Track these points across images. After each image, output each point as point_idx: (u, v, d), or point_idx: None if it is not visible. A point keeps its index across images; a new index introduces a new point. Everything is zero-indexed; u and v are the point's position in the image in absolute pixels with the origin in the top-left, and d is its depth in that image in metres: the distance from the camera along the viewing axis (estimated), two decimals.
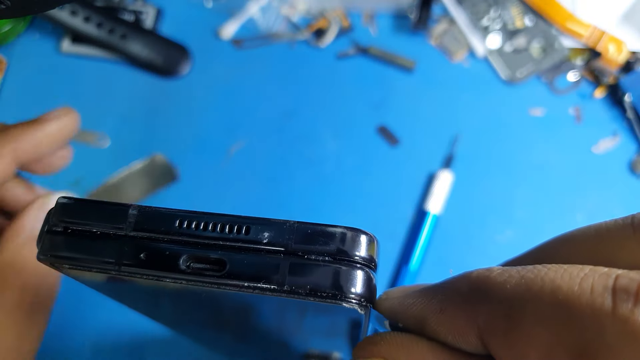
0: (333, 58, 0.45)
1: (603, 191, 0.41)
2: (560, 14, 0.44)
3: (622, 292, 0.10)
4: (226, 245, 0.15)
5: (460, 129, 0.43)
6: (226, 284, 0.14)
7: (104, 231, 0.15)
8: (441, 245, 0.39)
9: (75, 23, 0.44)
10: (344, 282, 0.14)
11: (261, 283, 0.14)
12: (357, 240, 0.15)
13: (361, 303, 0.14)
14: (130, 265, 0.15)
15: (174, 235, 0.15)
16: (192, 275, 0.14)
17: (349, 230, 0.15)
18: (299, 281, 0.14)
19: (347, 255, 0.14)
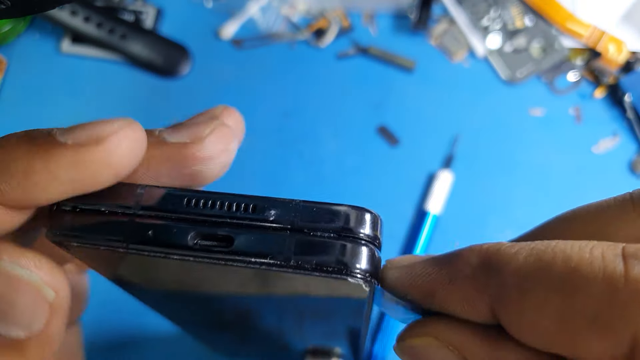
0: (333, 58, 0.45)
1: (603, 191, 0.41)
2: (560, 14, 0.44)
3: (632, 258, 0.11)
4: (233, 223, 0.15)
5: (460, 129, 0.43)
6: (233, 259, 0.14)
7: (113, 210, 0.15)
8: (441, 246, 0.39)
9: (75, 23, 0.44)
10: (349, 257, 0.14)
11: (268, 259, 0.14)
12: (362, 218, 0.15)
13: (366, 278, 0.14)
14: (138, 242, 0.15)
15: (181, 213, 0.15)
16: (199, 251, 0.15)
17: (353, 208, 0.15)
18: (304, 257, 0.14)
19: (352, 232, 0.15)
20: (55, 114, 0.44)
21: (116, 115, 0.15)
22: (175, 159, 0.16)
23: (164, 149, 0.16)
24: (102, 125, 0.14)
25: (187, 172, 0.16)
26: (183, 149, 0.16)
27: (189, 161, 0.16)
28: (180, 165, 0.16)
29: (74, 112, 0.44)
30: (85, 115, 0.44)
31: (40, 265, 0.15)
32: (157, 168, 0.16)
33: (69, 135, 0.15)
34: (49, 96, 0.45)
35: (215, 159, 0.16)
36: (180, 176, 0.16)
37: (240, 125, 0.20)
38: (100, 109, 0.44)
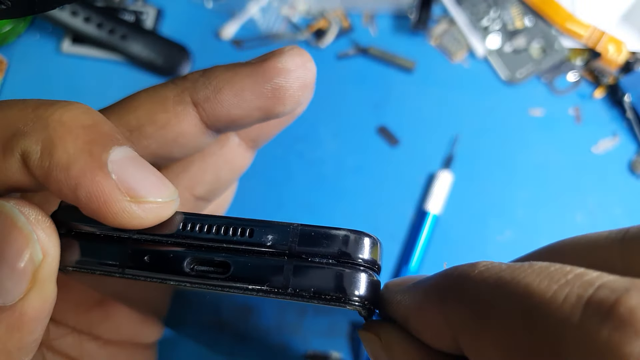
0: (333, 58, 0.45)
1: (603, 191, 0.41)
2: (559, 15, 0.44)
3: (596, 306, 0.09)
4: (230, 248, 0.15)
5: (460, 129, 0.43)
6: (230, 286, 0.14)
7: (108, 234, 0.15)
8: (441, 246, 0.39)
9: (75, 23, 0.44)
10: (347, 285, 0.14)
11: (265, 286, 0.14)
12: (361, 243, 0.15)
13: (365, 306, 0.14)
14: (135, 267, 0.15)
15: (177, 237, 0.15)
16: (196, 277, 0.15)
17: (352, 232, 0.15)
18: (302, 284, 0.14)
19: (351, 257, 0.14)
20: None
21: None
22: (256, 72, 0.17)
23: (247, 65, 0.17)
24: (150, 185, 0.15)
25: (268, 87, 0.17)
26: (264, 63, 0.17)
27: (270, 73, 0.17)
28: (262, 79, 0.17)
29: None
30: None
31: (40, 220, 0.14)
32: (241, 83, 0.17)
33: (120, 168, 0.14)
34: (50, 96, 0.44)
35: (293, 72, 0.17)
36: (263, 92, 0.17)
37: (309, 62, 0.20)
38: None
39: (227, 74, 0.17)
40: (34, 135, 0.14)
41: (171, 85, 0.18)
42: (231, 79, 0.17)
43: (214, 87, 0.17)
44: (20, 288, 0.14)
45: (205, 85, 0.17)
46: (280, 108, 0.17)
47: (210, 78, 0.17)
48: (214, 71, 0.17)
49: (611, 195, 0.41)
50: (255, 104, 0.17)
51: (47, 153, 0.14)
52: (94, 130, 0.14)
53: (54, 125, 0.14)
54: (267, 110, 0.17)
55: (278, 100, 0.17)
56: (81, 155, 0.14)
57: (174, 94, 0.18)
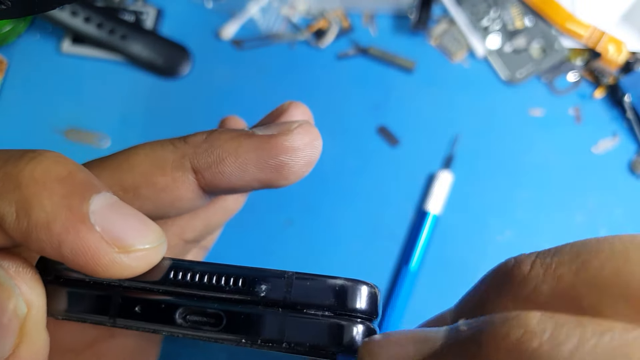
0: (333, 58, 0.45)
1: (602, 191, 0.41)
2: (560, 15, 0.44)
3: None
4: (223, 298, 0.14)
5: (460, 129, 0.43)
6: (224, 338, 0.14)
7: (97, 280, 0.15)
8: (441, 246, 0.39)
9: (75, 23, 0.44)
10: (345, 338, 0.14)
11: (259, 339, 0.14)
12: (358, 292, 0.14)
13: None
14: (126, 317, 0.15)
15: (169, 286, 0.15)
16: (188, 329, 0.14)
17: (349, 281, 0.14)
18: (297, 338, 0.14)
19: (348, 309, 0.14)
20: (55, 114, 0.44)
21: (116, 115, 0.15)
22: (262, 147, 0.17)
23: (253, 139, 0.17)
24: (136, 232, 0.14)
25: (272, 163, 0.17)
26: (271, 139, 0.17)
27: (276, 150, 0.17)
28: (267, 155, 0.17)
29: (75, 112, 0.44)
30: (86, 116, 0.44)
31: (20, 272, 0.14)
32: (245, 156, 0.17)
33: (103, 219, 0.14)
34: (50, 96, 0.45)
35: (301, 151, 0.17)
36: (267, 167, 0.17)
37: (310, 117, 0.20)
38: (100, 109, 0.44)
39: (232, 145, 0.17)
40: (5, 196, 0.13)
41: (171, 147, 0.18)
42: (235, 151, 0.17)
43: (216, 156, 0.17)
44: (8, 344, 0.13)
45: (208, 153, 0.17)
46: (282, 182, 0.17)
47: (213, 146, 0.17)
48: (217, 139, 0.17)
49: (611, 195, 0.41)
50: (257, 176, 0.17)
51: (24, 214, 0.13)
52: (70, 182, 0.14)
53: (26, 182, 0.13)
54: (268, 183, 0.17)
55: (281, 175, 0.17)
56: (60, 211, 0.13)
57: (174, 157, 0.17)
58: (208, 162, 0.17)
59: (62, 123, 0.44)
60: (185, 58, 0.45)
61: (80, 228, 0.13)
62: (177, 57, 0.45)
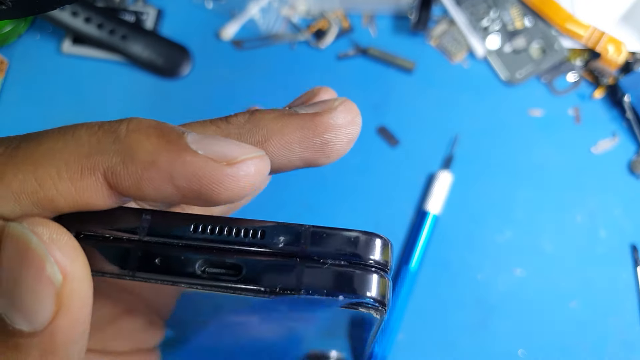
0: (333, 59, 0.45)
1: (602, 192, 0.41)
2: (559, 15, 0.44)
3: None
4: (242, 250, 0.15)
5: (460, 129, 0.43)
6: (242, 288, 0.14)
7: (117, 236, 0.15)
8: (441, 246, 0.39)
9: (76, 24, 0.44)
10: (359, 286, 0.14)
11: (278, 288, 0.14)
12: (372, 244, 0.15)
13: (377, 307, 0.14)
14: (145, 270, 0.15)
15: (188, 240, 0.15)
16: (208, 280, 0.14)
17: (363, 234, 0.15)
18: (315, 286, 0.14)
19: (362, 259, 0.14)
20: (56, 115, 0.44)
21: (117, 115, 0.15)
22: (307, 126, 0.16)
23: (297, 118, 0.17)
24: (235, 146, 0.15)
25: (317, 141, 0.17)
26: (315, 117, 0.17)
27: (321, 128, 0.17)
28: (312, 133, 0.16)
29: (75, 112, 0.44)
30: (86, 116, 0.44)
31: (56, 239, 0.14)
32: (290, 136, 0.16)
33: (201, 145, 0.14)
34: (50, 97, 0.45)
35: (344, 129, 0.17)
36: (311, 145, 0.17)
37: None
38: (101, 109, 0.44)
39: (276, 124, 0.17)
40: (109, 150, 0.14)
41: (213, 128, 0.17)
42: (280, 130, 0.17)
43: (261, 136, 0.17)
44: (46, 313, 0.13)
45: (252, 133, 0.17)
46: (324, 160, 0.17)
47: (257, 126, 0.17)
48: (261, 118, 0.17)
49: (611, 196, 0.41)
50: (301, 155, 0.17)
51: (130, 160, 0.14)
52: (162, 127, 0.14)
53: (124, 134, 0.14)
54: (311, 162, 0.17)
55: (324, 154, 0.17)
56: (162, 147, 0.14)
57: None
58: (253, 143, 0.17)
59: (63, 123, 0.44)
60: (186, 58, 0.45)
61: (185, 155, 0.14)
62: (177, 57, 0.45)
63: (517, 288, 0.38)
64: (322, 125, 0.17)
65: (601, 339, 0.37)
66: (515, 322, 0.38)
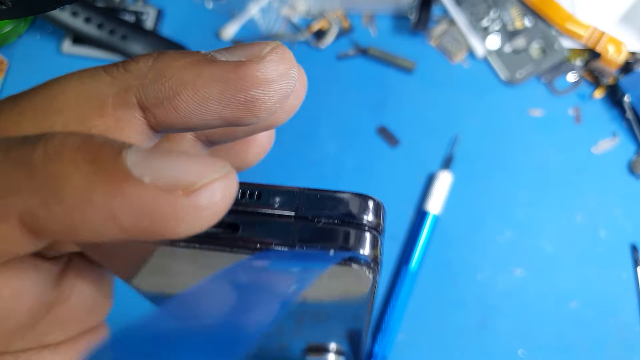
0: (333, 59, 0.45)
1: (602, 192, 0.41)
2: (559, 15, 0.44)
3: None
4: (239, 210, 0.15)
5: (460, 129, 0.43)
6: (239, 245, 0.15)
7: None
8: (441, 246, 0.39)
9: (76, 24, 0.44)
10: (352, 243, 0.14)
11: (273, 245, 0.14)
12: (365, 205, 0.15)
13: (369, 265, 0.14)
14: None
15: None
16: (205, 238, 0.15)
17: (356, 195, 0.15)
18: (308, 243, 0.14)
19: (355, 218, 0.15)
20: None
21: None
22: (228, 78, 0.13)
23: (215, 67, 0.14)
24: (192, 165, 0.11)
25: (241, 97, 0.13)
26: (238, 68, 0.13)
27: (244, 82, 0.13)
28: (234, 88, 0.13)
29: None
30: None
31: None
32: (206, 90, 0.13)
33: (146, 168, 0.11)
34: None
35: (275, 83, 0.14)
36: (233, 103, 0.14)
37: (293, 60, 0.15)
38: None
39: (188, 74, 0.13)
40: (24, 188, 0.11)
41: (107, 79, 0.14)
42: (193, 82, 0.13)
43: (168, 89, 0.13)
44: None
45: (157, 85, 0.13)
46: (250, 120, 0.14)
47: (164, 76, 0.13)
48: (169, 66, 0.14)
49: (611, 196, 0.41)
50: (220, 113, 0.14)
51: (54, 199, 0.11)
52: (91, 146, 0.11)
53: (42, 162, 0.11)
54: (234, 121, 0.14)
55: (249, 112, 0.14)
56: (95, 178, 0.11)
57: (114, 92, 0.14)
58: (158, 97, 0.13)
59: None
60: None
61: (126, 187, 0.11)
62: None
63: (517, 288, 0.38)
64: (246, 78, 0.13)
65: (601, 339, 0.37)
66: (515, 322, 0.38)
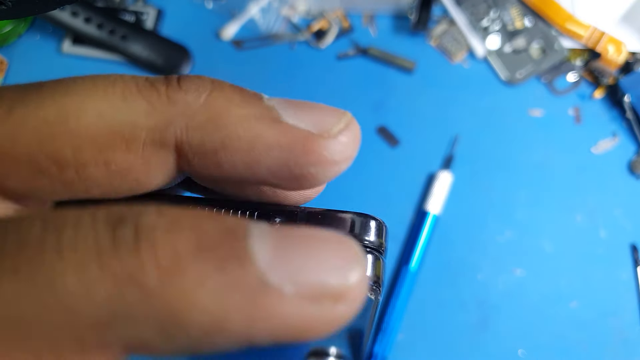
0: (333, 59, 0.45)
1: (602, 192, 0.41)
2: (559, 15, 0.44)
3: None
4: None
5: (460, 129, 0.43)
6: None
7: None
8: (441, 246, 0.39)
9: (76, 24, 0.44)
10: None
11: None
12: (367, 226, 0.15)
13: (372, 287, 0.14)
14: None
15: None
16: None
17: (358, 215, 0.15)
18: None
19: (357, 239, 0.15)
20: None
21: None
22: (291, 149, 0.11)
23: (280, 130, 0.11)
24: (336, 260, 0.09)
25: (297, 171, 0.11)
26: (306, 140, 0.11)
27: (308, 158, 0.11)
28: (294, 161, 0.11)
29: None
30: None
31: None
32: (262, 152, 0.11)
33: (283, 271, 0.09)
34: None
35: (338, 166, 0.12)
36: (285, 173, 0.11)
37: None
38: None
39: (247, 131, 0.11)
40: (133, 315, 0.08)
41: (144, 106, 0.11)
42: (251, 142, 0.10)
43: (219, 141, 0.11)
44: None
45: (208, 132, 0.11)
46: (290, 192, 0.12)
47: (218, 124, 0.11)
48: (226, 112, 0.11)
49: (611, 196, 0.41)
50: (265, 177, 0.11)
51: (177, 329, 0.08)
52: (208, 244, 0.08)
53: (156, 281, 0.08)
54: (275, 185, 0.12)
55: (297, 184, 0.12)
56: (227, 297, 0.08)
57: (150, 125, 0.11)
58: (204, 147, 0.11)
59: None
60: (186, 58, 0.45)
61: (267, 304, 0.08)
62: (177, 57, 0.45)
63: (517, 288, 0.38)
64: (312, 155, 0.11)
65: (601, 339, 0.37)
66: (515, 322, 0.38)
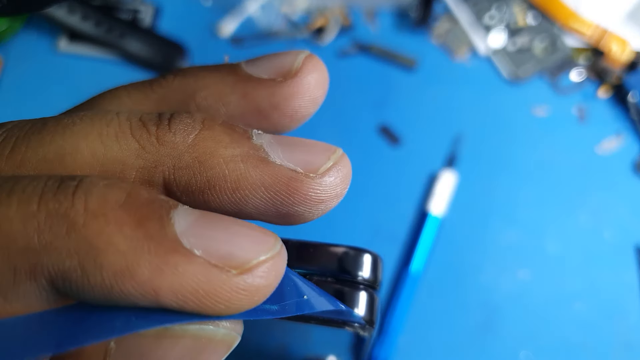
0: (334, 56, 0.45)
1: (606, 191, 0.40)
2: (563, 13, 0.43)
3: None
4: None
5: (463, 128, 0.42)
6: None
7: None
8: (443, 247, 0.39)
9: (72, 21, 0.43)
10: (347, 305, 0.14)
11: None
12: (360, 261, 0.14)
13: (364, 325, 0.14)
14: None
15: None
16: None
17: (352, 250, 0.14)
18: None
19: (350, 275, 0.14)
20: (52, 113, 0.43)
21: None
22: (277, 190, 0.12)
23: (266, 170, 0.12)
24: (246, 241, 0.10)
25: (283, 210, 0.12)
26: (291, 181, 0.12)
27: (294, 198, 0.12)
28: (280, 201, 0.12)
29: None
30: None
31: None
32: (247, 193, 0.12)
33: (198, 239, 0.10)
34: (46, 95, 0.44)
35: (324, 204, 0.13)
36: (272, 211, 0.12)
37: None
38: None
39: (234, 171, 0.11)
40: (60, 246, 0.09)
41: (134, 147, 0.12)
42: (237, 182, 0.11)
43: (206, 181, 0.11)
44: None
45: (194, 172, 0.11)
46: (278, 224, 0.13)
47: (204, 165, 0.12)
48: (213, 153, 0.12)
49: (615, 195, 0.40)
50: (251, 214, 0.12)
51: (92, 264, 0.09)
52: (136, 204, 0.10)
53: (82, 219, 0.10)
54: (262, 220, 0.13)
55: (283, 220, 0.13)
56: (141, 246, 0.09)
57: (140, 165, 0.12)
58: (190, 186, 0.11)
59: None
60: (183, 56, 0.45)
61: (176, 260, 0.09)
62: (174, 55, 0.45)
63: (521, 290, 0.38)
64: (298, 194, 0.12)
65: (606, 341, 0.37)
66: (519, 323, 0.37)
